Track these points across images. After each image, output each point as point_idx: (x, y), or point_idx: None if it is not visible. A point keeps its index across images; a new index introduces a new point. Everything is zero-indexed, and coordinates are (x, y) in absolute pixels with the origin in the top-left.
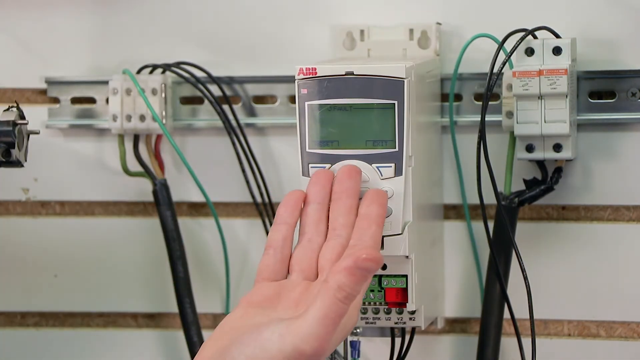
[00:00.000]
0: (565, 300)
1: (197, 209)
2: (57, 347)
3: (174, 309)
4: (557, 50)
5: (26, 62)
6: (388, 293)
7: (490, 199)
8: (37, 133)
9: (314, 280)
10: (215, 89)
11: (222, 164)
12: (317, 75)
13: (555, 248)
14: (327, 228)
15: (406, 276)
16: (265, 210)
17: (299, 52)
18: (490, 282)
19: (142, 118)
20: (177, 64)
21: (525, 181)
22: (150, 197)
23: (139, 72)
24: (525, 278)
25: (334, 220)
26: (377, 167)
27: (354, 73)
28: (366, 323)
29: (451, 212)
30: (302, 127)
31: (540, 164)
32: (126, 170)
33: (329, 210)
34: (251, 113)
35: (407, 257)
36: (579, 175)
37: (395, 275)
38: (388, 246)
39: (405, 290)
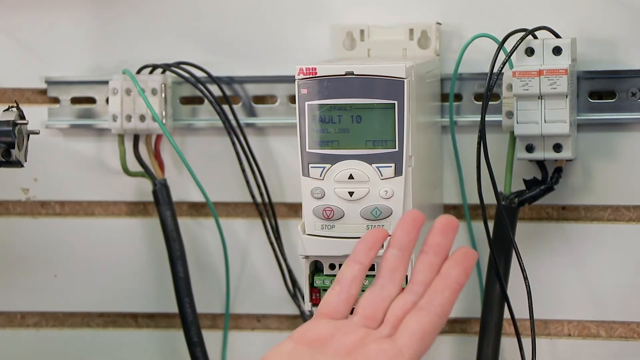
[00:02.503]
0: (565, 300)
1: (197, 209)
2: (57, 347)
3: (174, 309)
4: (557, 50)
5: (26, 62)
6: None
7: (490, 199)
8: (37, 133)
9: (375, 329)
10: (215, 89)
11: (222, 164)
12: (317, 75)
13: (555, 248)
14: (403, 276)
15: (406, 276)
16: (265, 210)
17: (299, 52)
18: (490, 282)
19: (142, 118)
20: (177, 64)
21: (525, 181)
22: (150, 197)
23: (139, 72)
24: (525, 278)
25: (415, 274)
26: (377, 167)
27: (354, 73)
28: None
29: (451, 212)
30: (302, 127)
31: (540, 164)
32: (126, 170)
33: (408, 256)
34: (251, 113)
35: None
36: (579, 175)
37: None
38: None
39: None
